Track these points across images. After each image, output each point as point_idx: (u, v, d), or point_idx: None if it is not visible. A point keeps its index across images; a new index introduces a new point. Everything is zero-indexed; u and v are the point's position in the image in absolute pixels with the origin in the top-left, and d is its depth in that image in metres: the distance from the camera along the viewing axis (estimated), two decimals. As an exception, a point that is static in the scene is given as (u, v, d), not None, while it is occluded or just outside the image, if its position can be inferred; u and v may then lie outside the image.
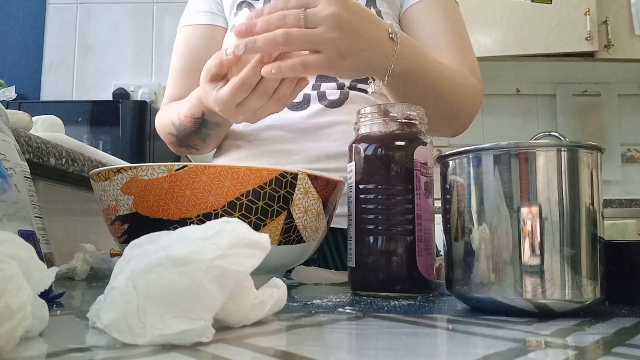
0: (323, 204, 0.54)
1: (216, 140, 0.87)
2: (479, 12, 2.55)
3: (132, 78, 2.57)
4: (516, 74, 2.86)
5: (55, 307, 0.40)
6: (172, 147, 0.90)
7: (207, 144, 0.86)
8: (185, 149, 0.88)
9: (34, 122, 0.99)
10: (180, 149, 0.88)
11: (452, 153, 0.43)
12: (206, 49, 0.89)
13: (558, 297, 0.38)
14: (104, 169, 0.50)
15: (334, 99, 0.83)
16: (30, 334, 0.28)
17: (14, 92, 1.00)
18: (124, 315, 0.27)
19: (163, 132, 0.89)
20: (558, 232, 0.38)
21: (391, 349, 0.28)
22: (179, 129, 0.82)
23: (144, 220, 0.49)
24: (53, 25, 2.65)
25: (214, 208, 0.48)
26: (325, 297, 0.49)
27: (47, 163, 0.84)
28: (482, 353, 0.26)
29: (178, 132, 0.83)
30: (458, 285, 0.42)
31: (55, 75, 2.62)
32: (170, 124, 0.84)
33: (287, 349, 0.27)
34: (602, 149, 0.41)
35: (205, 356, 0.25)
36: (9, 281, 0.25)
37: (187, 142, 0.85)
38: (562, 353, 0.27)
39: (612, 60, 2.59)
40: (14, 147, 0.53)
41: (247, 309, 0.32)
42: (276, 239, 0.51)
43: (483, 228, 0.40)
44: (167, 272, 0.27)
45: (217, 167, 0.48)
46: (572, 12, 2.52)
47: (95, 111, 2.03)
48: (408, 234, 0.50)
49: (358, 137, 0.54)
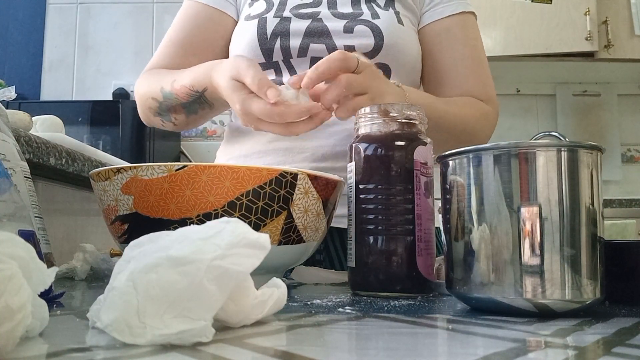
0: (323, 204, 0.54)
1: (198, 122, 0.85)
2: (479, 12, 2.52)
3: (132, 78, 2.57)
4: (516, 74, 2.86)
5: (55, 307, 0.40)
6: (148, 113, 0.86)
7: (188, 122, 0.83)
8: (160, 120, 0.85)
9: (34, 122, 1.00)
10: (154, 118, 0.85)
11: (452, 153, 0.43)
12: (212, 32, 0.88)
13: (558, 297, 0.38)
14: (104, 169, 0.50)
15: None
16: (30, 334, 0.28)
17: (14, 92, 1.00)
18: (124, 315, 0.27)
19: (145, 97, 0.85)
20: (558, 232, 0.38)
21: (391, 349, 0.28)
22: (168, 97, 0.79)
23: (144, 220, 0.49)
24: (53, 25, 2.65)
25: (214, 208, 0.48)
26: (325, 297, 0.49)
27: (47, 163, 0.84)
28: (482, 353, 0.26)
29: (164, 99, 0.80)
30: (458, 285, 0.42)
31: (55, 75, 2.62)
32: (159, 89, 0.81)
33: (287, 349, 0.27)
34: (602, 149, 0.41)
35: (205, 356, 0.25)
36: (9, 281, 0.25)
37: (167, 113, 0.82)
38: (562, 353, 0.27)
39: (612, 60, 2.58)
40: (14, 147, 0.53)
41: (247, 309, 0.32)
42: (276, 239, 0.51)
43: (483, 228, 0.40)
44: (167, 272, 0.27)
45: (217, 167, 0.48)
46: (572, 12, 2.52)
47: (95, 111, 2.03)
48: (408, 234, 0.50)
49: (358, 137, 0.54)
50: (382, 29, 0.81)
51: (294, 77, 0.63)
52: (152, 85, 0.83)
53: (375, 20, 0.82)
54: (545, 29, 2.54)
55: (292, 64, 0.83)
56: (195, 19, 0.90)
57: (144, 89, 0.86)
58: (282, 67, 0.83)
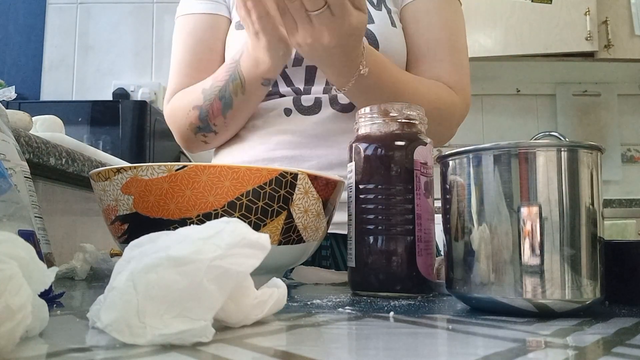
0: (323, 204, 0.54)
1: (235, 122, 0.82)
2: (479, 12, 2.55)
3: (132, 78, 2.57)
4: (516, 74, 2.86)
5: (55, 307, 0.40)
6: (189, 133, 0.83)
7: (226, 122, 0.80)
8: (202, 136, 0.83)
9: (34, 122, 0.99)
10: (197, 136, 0.83)
11: (452, 153, 0.43)
12: (213, 40, 0.87)
13: (558, 297, 0.38)
14: (104, 169, 0.50)
15: (345, 103, 0.81)
16: (30, 334, 0.28)
17: (14, 92, 1.00)
18: (124, 315, 0.27)
19: (183, 113, 0.82)
20: (558, 232, 0.38)
21: (391, 349, 0.28)
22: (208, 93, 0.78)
23: (144, 220, 0.49)
24: (53, 25, 2.65)
25: (214, 208, 0.48)
26: (325, 297, 0.49)
27: (47, 163, 0.84)
28: (482, 353, 0.26)
29: (205, 99, 0.78)
30: (458, 285, 0.42)
31: (55, 75, 2.62)
32: (201, 92, 0.79)
33: (287, 349, 0.27)
34: (602, 149, 0.41)
35: (205, 356, 0.25)
36: (9, 281, 0.25)
37: (207, 122, 0.80)
38: (562, 353, 0.27)
39: (612, 60, 2.59)
40: (14, 147, 0.53)
41: (247, 309, 0.32)
42: (276, 239, 0.51)
43: (483, 228, 0.40)
44: (167, 272, 0.27)
45: (217, 167, 0.48)
46: (572, 12, 2.53)
47: (95, 111, 2.03)
48: (408, 234, 0.50)
49: (358, 137, 0.54)
50: (376, 35, 0.80)
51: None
52: (190, 97, 0.82)
53: (370, 25, 0.81)
54: (545, 29, 2.54)
55: (288, 73, 0.82)
56: (194, 35, 0.89)
57: (180, 108, 0.84)
58: (278, 77, 0.82)
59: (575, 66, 2.70)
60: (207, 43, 0.88)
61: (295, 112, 0.82)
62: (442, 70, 0.83)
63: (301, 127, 0.81)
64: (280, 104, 0.82)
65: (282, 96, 0.83)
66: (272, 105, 0.83)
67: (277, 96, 0.83)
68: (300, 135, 0.81)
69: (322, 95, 0.81)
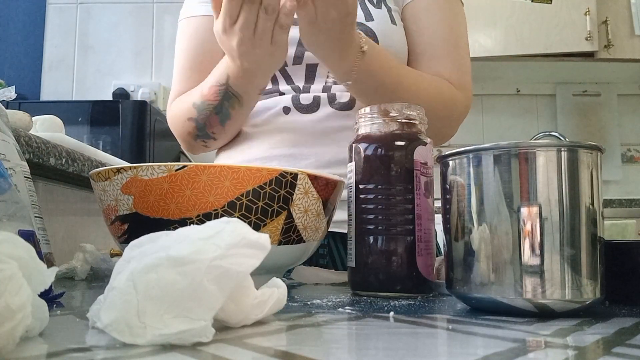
0: (323, 204, 0.54)
1: (235, 128, 0.83)
2: (479, 12, 2.55)
3: (132, 78, 2.57)
4: (516, 74, 2.86)
5: (55, 307, 0.40)
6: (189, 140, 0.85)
7: (225, 130, 0.82)
8: (202, 142, 0.84)
9: (34, 122, 0.99)
10: (196, 143, 0.84)
11: (452, 153, 0.43)
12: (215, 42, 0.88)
13: (558, 297, 0.38)
14: (104, 169, 0.50)
15: (344, 101, 0.81)
16: (30, 334, 0.28)
17: (14, 92, 1.00)
18: (124, 315, 0.27)
19: (181, 122, 0.84)
20: (558, 232, 0.38)
21: (391, 349, 0.28)
22: (201, 108, 0.79)
23: (144, 220, 0.49)
24: (53, 25, 2.65)
25: (214, 208, 0.48)
26: (325, 297, 0.49)
27: (47, 163, 0.84)
28: (482, 353, 0.26)
29: (198, 114, 0.79)
30: (458, 285, 0.42)
31: (55, 75, 2.62)
32: (191, 106, 0.80)
33: (287, 349, 0.27)
34: (602, 149, 0.41)
35: (205, 356, 0.25)
36: (9, 281, 0.25)
37: (205, 130, 0.81)
38: (562, 353, 0.27)
39: (612, 60, 2.59)
40: (14, 147, 0.53)
41: (247, 309, 0.32)
42: (276, 239, 0.51)
43: (483, 228, 0.40)
44: (167, 272, 0.27)
45: (217, 167, 0.48)
46: (572, 12, 2.52)
47: (95, 111, 2.03)
48: (408, 234, 0.50)
49: (358, 137, 0.54)
50: (376, 33, 0.80)
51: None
52: (184, 108, 0.83)
53: (369, 22, 0.81)
54: (545, 29, 2.54)
55: (288, 72, 0.83)
56: (196, 37, 0.89)
57: (177, 116, 0.85)
58: (278, 75, 0.83)
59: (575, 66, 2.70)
60: (209, 44, 0.88)
61: (294, 111, 0.82)
62: (443, 68, 0.83)
63: (300, 125, 0.81)
64: (279, 102, 0.83)
65: (281, 94, 0.83)
66: (272, 103, 0.83)
67: (277, 94, 0.84)
68: (298, 134, 0.81)
69: (321, 94, 0.82)
